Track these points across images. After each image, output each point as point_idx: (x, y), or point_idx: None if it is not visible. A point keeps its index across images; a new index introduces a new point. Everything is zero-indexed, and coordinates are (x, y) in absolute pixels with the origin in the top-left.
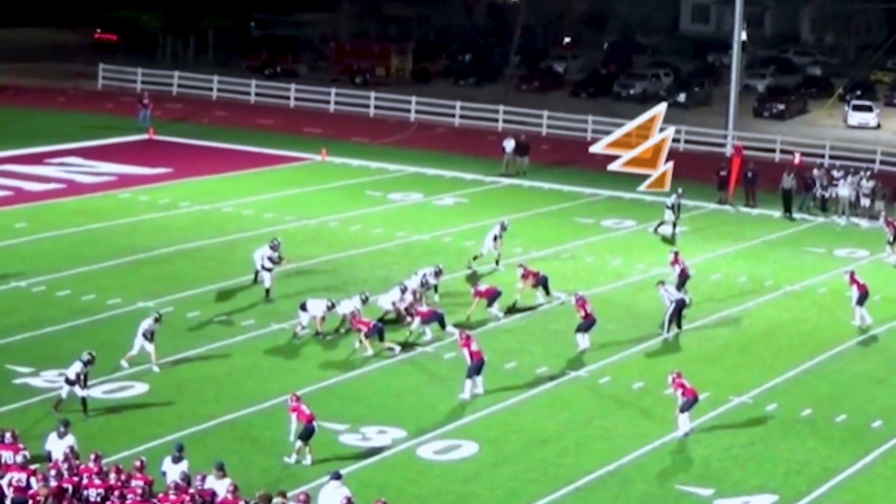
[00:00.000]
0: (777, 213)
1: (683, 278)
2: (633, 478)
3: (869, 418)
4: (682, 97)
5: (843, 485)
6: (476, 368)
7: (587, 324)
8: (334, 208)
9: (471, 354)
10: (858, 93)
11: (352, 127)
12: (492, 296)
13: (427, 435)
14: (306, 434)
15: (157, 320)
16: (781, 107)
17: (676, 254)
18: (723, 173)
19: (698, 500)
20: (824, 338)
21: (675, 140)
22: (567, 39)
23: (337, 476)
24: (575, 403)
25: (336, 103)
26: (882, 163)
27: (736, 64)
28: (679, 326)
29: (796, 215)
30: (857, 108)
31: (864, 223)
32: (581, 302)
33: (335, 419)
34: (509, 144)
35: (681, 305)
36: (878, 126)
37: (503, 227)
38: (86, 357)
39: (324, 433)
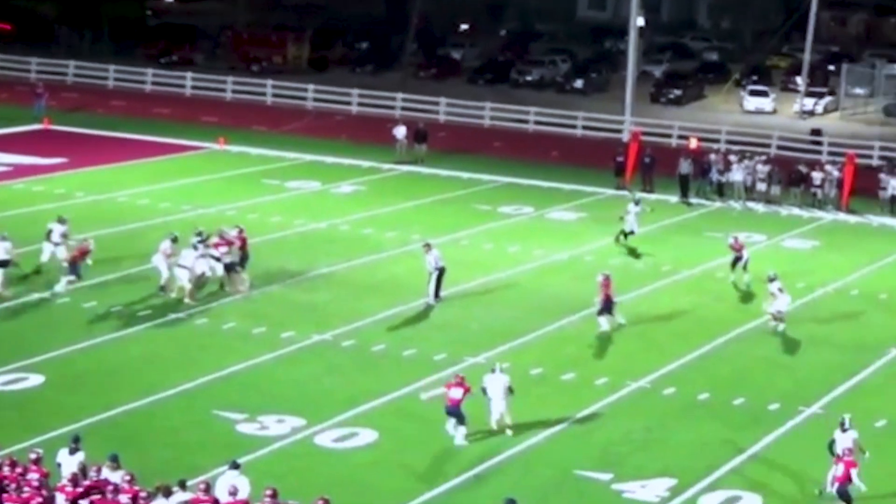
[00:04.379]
0: (674, 199)
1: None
2: (533, 463)
3: (767, 401)
4: (579, 83)
5: (740, 468)
6: None
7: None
8: (232, 197)
9: None
10: (755, 78)
11: (249, 115)
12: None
13: (326, 423)
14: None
15: None
16: (678, 92)
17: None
18: (620, 159)
19: (597, 484)
20: (722, 322)
21: (572, 126)
22: (464, 27)
23: (235, 465)
24: (473, 389)
25: (233, 92)
26: (778, 147)
27: (633, 50)
28: (437, 295)
29: (693, 200)
30: (753, 93)
31: (760, 207)
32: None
33: (233, 408)
34: (399, 132)
35: (441, 273)
36: (775, 111)
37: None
38: None
39: (221, 423)
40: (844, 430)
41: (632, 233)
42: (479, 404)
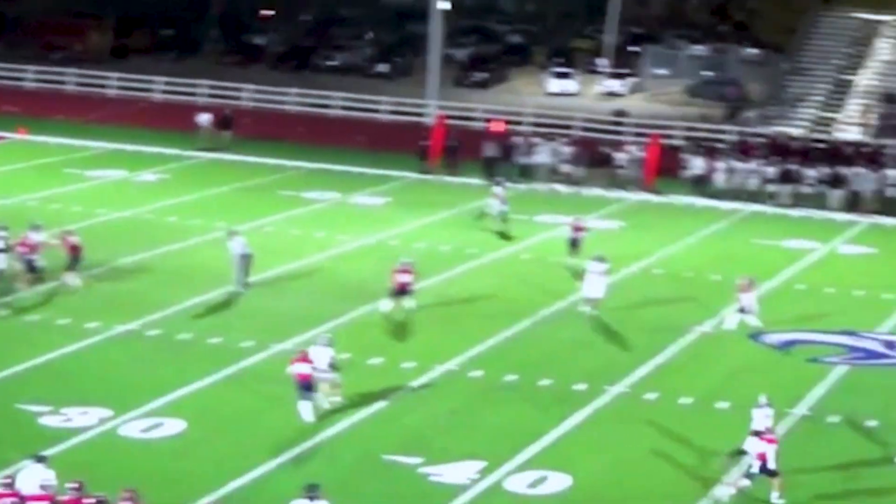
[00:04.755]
0: (480, 181)
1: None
2: (341, 448)
3: (573, 382)
4: (383, 68)
5: (548, 448)
6: None
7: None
8: (33, 187)
9: None
10: (559, 60)
11: (50, 104)
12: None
13: (131, 413)
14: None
15: None
16: (483, 75)
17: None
18: (426, 143)
19: (405, 468)
20: (529, 304)
21: (377, 111)
22: (268, 12)
23: (39, 459)
24: (281, 377)
25: (34, 81)
26: (583, 129)
27: (436, 33)
28: (244, 282)
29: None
30: (557, 76)
31: (565, 189)
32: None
33: (37, 401)
34: (203, 119)
35: (247, 260)
36: (578, 93)
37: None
38: None
39: (25, 416)
40: (760, 408)
41: (492, 215)
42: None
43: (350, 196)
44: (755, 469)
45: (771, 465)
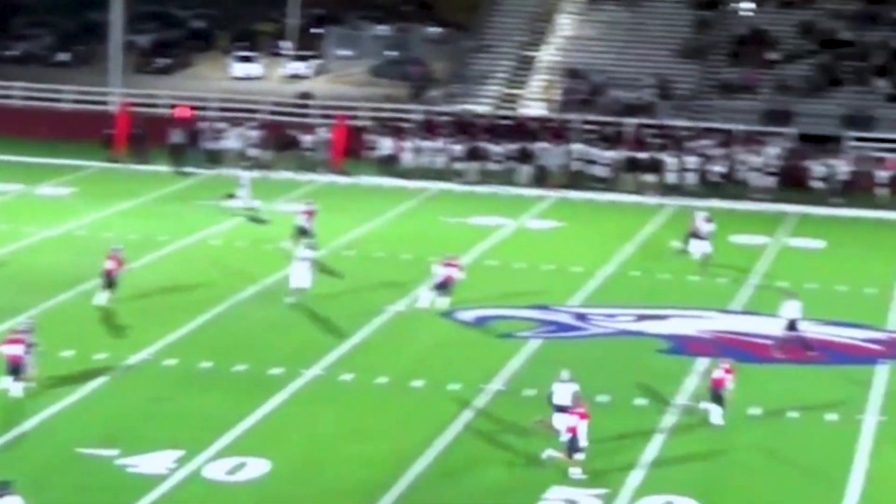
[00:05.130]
0: (167, 168)
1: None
2: (34, 443)
3: (269, 366)
4: (64, 56)
5: (246, 434)
6: None
7: None
8: None
9: None
10: (242, 44)
11: None
12: None
13: None
14: None
15: None
16: (166, 61)
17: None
18: (110, 131)
19: (102, 461)
20: (220, 289)
21: (58, 100)
22: None
23: None
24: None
25: None
26: (269, 113)
27: (117, 20)
28: None
29: (187, 169)
30: (241, 60)
31: (253, 174)
32: None
33: None
34: None
35: None
36: (263, 76)
37: None
38: None
39: None
40: (564, 383)
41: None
42: None
43: (34, 187)
44: (564, 440)
45: (581, 441)
